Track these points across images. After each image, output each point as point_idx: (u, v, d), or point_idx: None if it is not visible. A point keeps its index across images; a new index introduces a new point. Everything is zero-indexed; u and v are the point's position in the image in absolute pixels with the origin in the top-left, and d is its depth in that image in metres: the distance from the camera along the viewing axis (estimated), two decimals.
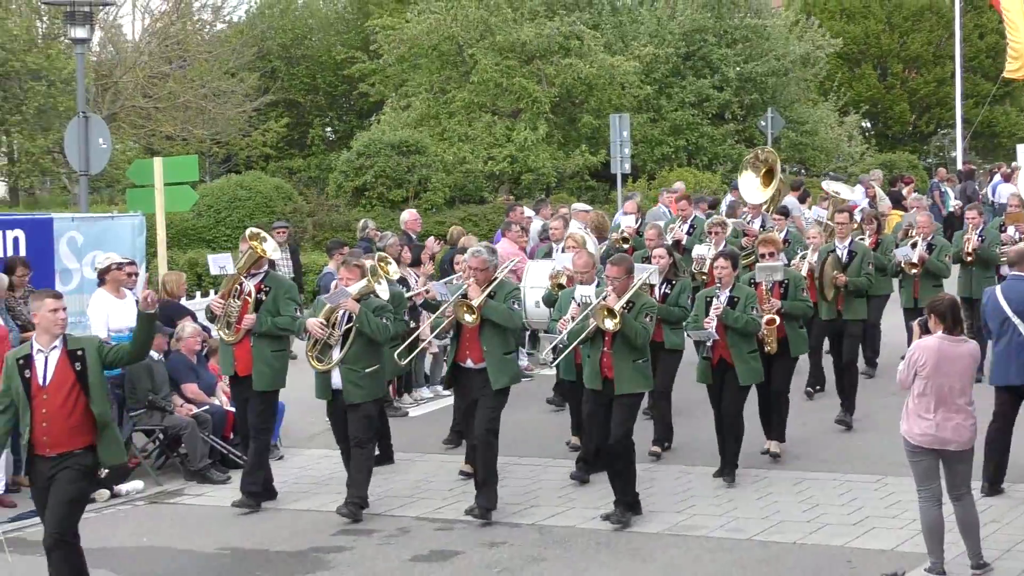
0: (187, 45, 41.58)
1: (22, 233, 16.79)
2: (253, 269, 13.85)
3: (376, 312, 13.14)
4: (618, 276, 12.72)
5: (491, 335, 13.06)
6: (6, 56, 36.52)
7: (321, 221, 31.98)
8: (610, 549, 12.21)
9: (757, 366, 14.21)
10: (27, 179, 40.84)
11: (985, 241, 18.50)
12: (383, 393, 13.92)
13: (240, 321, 13.64)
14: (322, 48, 47.58)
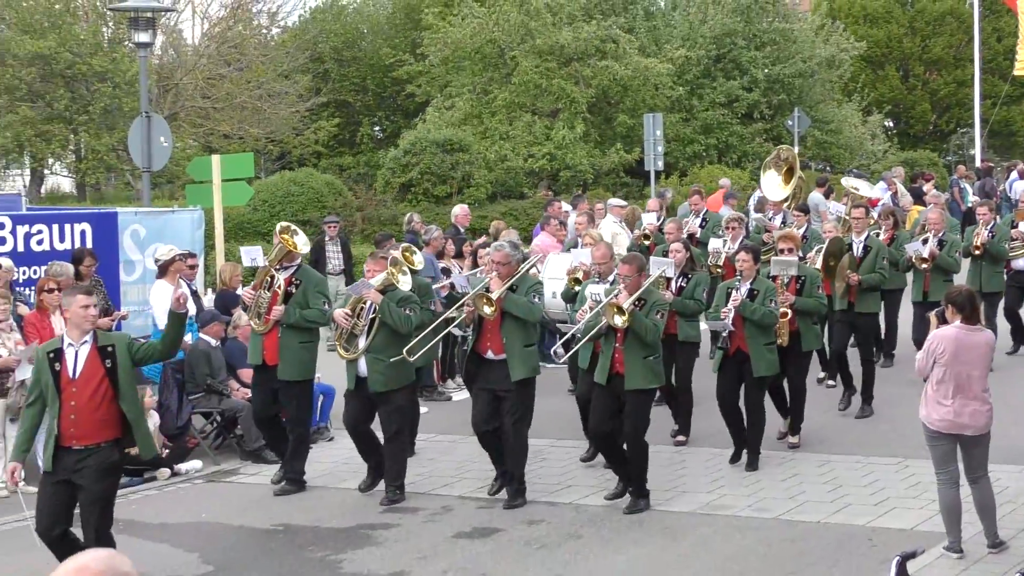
0: (244, 48, 41.70)
1: (89, 226, 16.89)
2: (285, 262, 13.64)
3: (400, 303, 12.95)
4: (629, 274, 12.46)
5: (512, 328, 12.71)
6: (74, 59, 36.72)
7: (369, 215, 32.06)
8: (643, 527, 12.21)
9: (773, 358, 13.90)
10: (93, 175, 41.01)
11: (995, 237, 18.31)
12: (409, 381, 13.49)
13: (269, 312, 13.42)
14: (371, 51, 47.67)
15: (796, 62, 42.09)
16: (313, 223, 32.21)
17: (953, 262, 17.47)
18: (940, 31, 50.18)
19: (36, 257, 15.99)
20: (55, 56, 36.46)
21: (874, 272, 16.09)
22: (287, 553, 11.85)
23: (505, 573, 11.09)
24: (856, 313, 16.13)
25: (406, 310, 12.92)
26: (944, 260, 17.30)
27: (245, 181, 20.45)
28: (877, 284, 16.25)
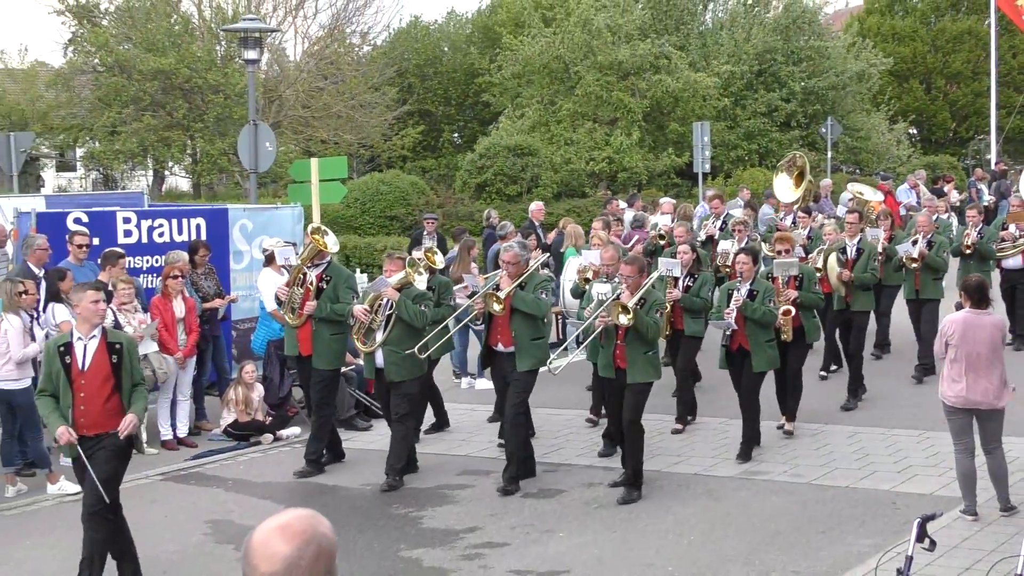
0: (339, 64, 41.89)
1: (203, 221, 17.01)
2: (316, 260, 13.26)
3: (416, 300, 12.56)
4: (631, 275, 11.96)
5: (520, 322, 12.28)
6: (191, 74, 37.04)
7: (449, 212, 32.17)
8: (689, 489, 12.18)
9: (773, 354, 13.31)
10: (207, 176, 41.42)
11: (983, 237, 17.70)
12: (422, 372, 12.99)
13: (302, 307, 13.12)
14: (452, 66, 47.75)
15: (830, 76, 41.79)
16: (400, 218, 32.39)
17: (941, 261, 16.78)
18: (960, 48, 49.60)
19: (157, 248, 16.12)
20: (175, 71, 36.81)
21: (866, 272, 15.49)
22: (374, 509, 11.92)
23: (567, 529, 11.09)
24: (852, 312, 15.55)
25: (421, 306, 12.57)
26: (933, 260, 16.58)
27: (339, 181, 20.48)
28: (869, 283, 15.61)
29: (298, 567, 3.16)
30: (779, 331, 13.59)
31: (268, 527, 3.20)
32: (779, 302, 13.55)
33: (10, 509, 12.17)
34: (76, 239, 14.78)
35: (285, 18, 41.87)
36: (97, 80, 39.41)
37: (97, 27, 39.75)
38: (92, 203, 19.04)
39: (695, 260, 14.66)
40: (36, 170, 45.91)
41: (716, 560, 10.09)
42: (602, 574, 9.89)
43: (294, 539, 3.18)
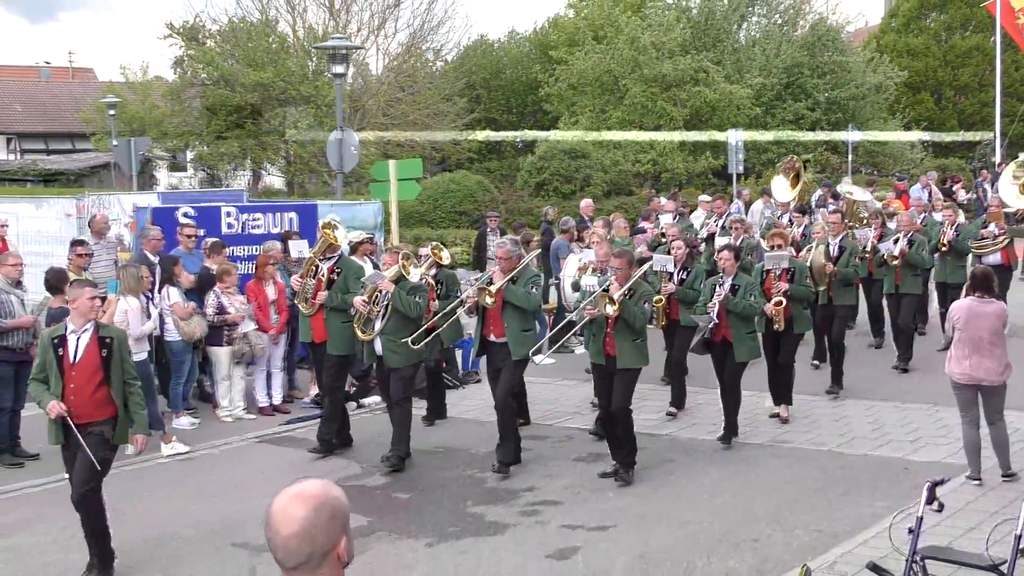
0: (415, 78, 42.01)
1: (295, 215, 17.11)
2: (328, 253, 12.68)
3: (411, 292, 11.94)
4: (620, 267, 11.34)
5: (511, 315, 11.63)
6: (286, 86, 37.30)
7: (511, 207, 32.20)
8: (724, 456, 12.13)
9: (755, 344, 12.69)
10: (299, 176, 41.67)
11: (960, 235, 16.91)
12: (420, 358, 12.33)
13: (315, 297, 12.59)
14: (514, 79, 47.71)
15: (850, 87, 41.38)
16: (467, 213, 32.43)
17: (920, 259, 16.00)
18: (968, 62, 48.92)
19: (255, 239, 16.24)
20: (272, 84, 37.08)
21: (848, 268, 14.85)
22: (444, 470, 11.95)
23: (614, 489, 11.07)
24: (835, 305, 14.92)
25: (416, 297, 11.96)
26: (912, 257, 15.85)
27: (415, 180, 20.55)
28: (850, 278, 14.92)
29: (316, 526, 3.18)
30: (772, 321, 13.09)
31: (285, 495, 3.23)
32: (771, 293, 13.10)
33: (129, 465, 12.32)
34: (185, 230, 14.94)
35: (368, 37, 42.04)
36: (204, 92, 39.78)
37: (203, 46, 40.10)
38: (199, 199, 19.25)
39: (688, 255, 14.18)
40: (152, 170, 46.37)
41: (746, 518, 10.05)
42: (644, 529, 9.87)
43: (309, 502, 3.20)
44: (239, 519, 10.31)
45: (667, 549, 9.32)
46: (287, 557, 3.19)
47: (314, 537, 3.17)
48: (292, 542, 3.17)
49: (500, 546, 9.58)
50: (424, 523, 10.19)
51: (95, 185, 42.87)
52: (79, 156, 51.85)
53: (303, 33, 41.36)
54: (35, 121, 57.78)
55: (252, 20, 40.97)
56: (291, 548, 3.17)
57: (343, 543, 3.25)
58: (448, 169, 41.55)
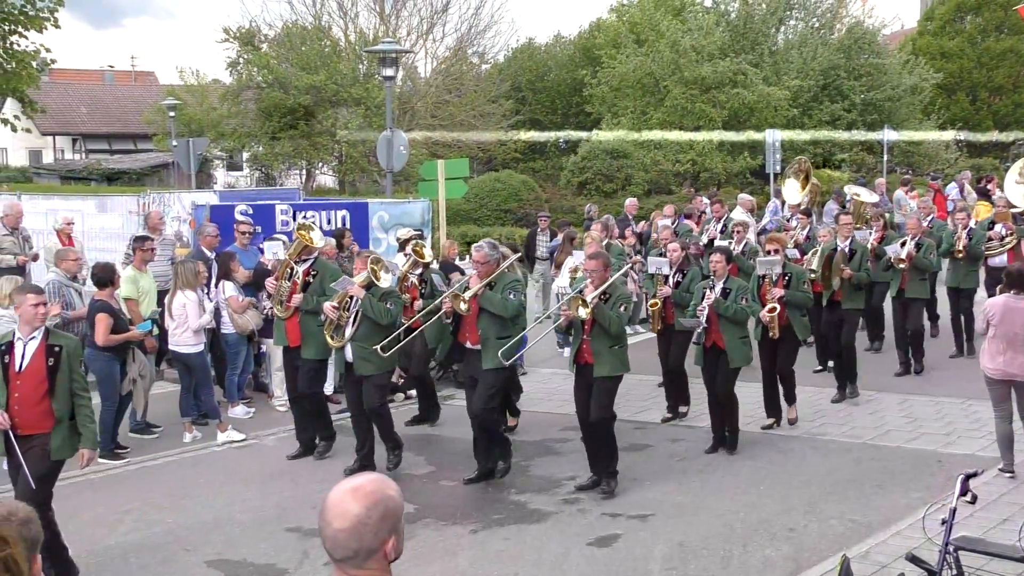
0: (462, 80, 42.08)
1: (347, 212, 17.20)
2: (304, 255, 11.99)
3: (383, 298, 11.21)
4: (595, 269, 10.50)
5: (487, 321, 10.81)
6: (338, 89, 37.47)
7: (554, 206, 32.14)
8: (760, 446, 12.05)
9: (747, 351, 11.90)
10: (351, 175, 41.85)
11: (972, 240, 16.04)
12: (392, 367, 11.78)
13: (290, 300, 11.90)
14: (558, 81, 47.65)
15: (886, 89, 40.99)
16: (512, 211, 32.44)
17: (928, 263, 15.14)
18: (1002, 64, 48.36)
19: None
20: (324, 87, 37.25)
21: (860, 271, 14.07)
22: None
23: (654, 478, 11.03)
24: (843, 309, 14.08)
25: (387, 304, 11.23)
26: (920, 260, 15.01)
27: (462, 179, 20.60)
28: (862, 282, 14.12)
29: (366, 525, 3.17)
30: (767, 328, 12.43)
31: (343, 488, 3.22)
32: (765, 299, 12.44)
33: (187, 452, 12.45)
34: (241, 227, 15.03)
35: (417, 41, 42.18)
36: (260, 94, 40.03)
37: (259, 50, 40.37)
38: (255, 197, 19.36)
39: (684, 258, 13.37)
40: (209, 170, 46.73)
41: (782, 508, 9.98)
42: (682, 518, 9.83)
43: (364, 499, 3.19)
44: (292, 505, 10.38)
45: (705, 538, 9.28)
46: (335, 549, 3.20)
47: (362, 535, 3.17)
48: (341, 536, 3.18)
49: (542, 533, 9.58)
50: (468, 510, 10.21)
51: (156, 184, 43.27)
52: (141, 156, 52.38)
53: (354, 37, 41.54)
54: (99, 123, 58.43)
55: (306, 25, 41.20)
56: (339, 541, 3.18)
57: (391, 542, 3.25)
58: (494, 169, 41.58)
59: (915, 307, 15.28)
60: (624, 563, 8.78)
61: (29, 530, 3.38)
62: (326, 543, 3.20)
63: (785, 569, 8.55)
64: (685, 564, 8.71)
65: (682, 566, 8.67)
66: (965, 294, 16.17)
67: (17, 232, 16.12)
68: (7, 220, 16.06)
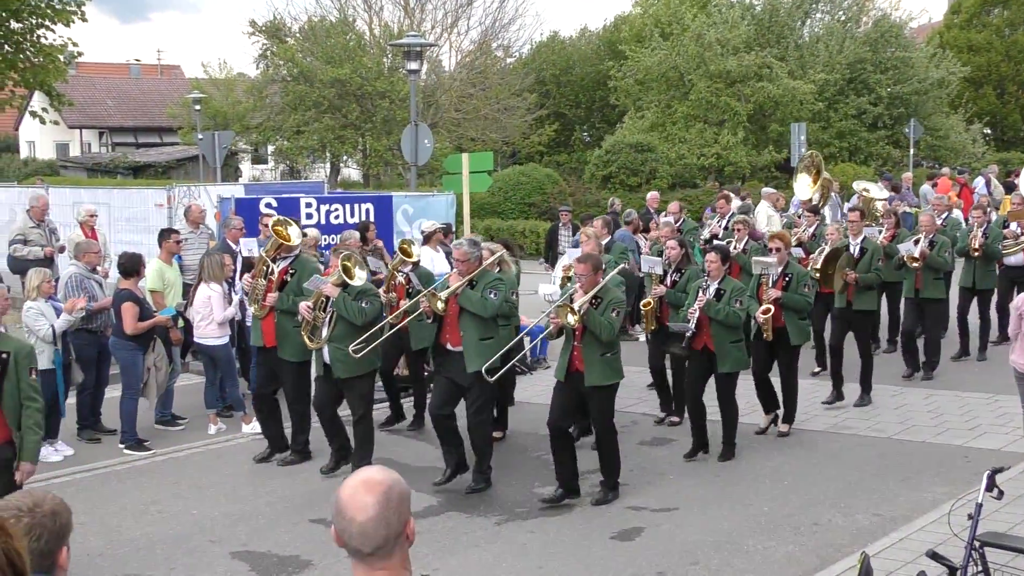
0: (486, 74, 42.06)
1: (371, 206, 17.20)
2: (282, 252, 11.45)
3: (357, 297, 10.68)
4: (584, 273, 9.91)
5: (468, 322, 10.37)
6: (363, 82, 37.53)
7: (578, 199, 32.12)
8: (785, 442, 12.00)
9: (740, 355, 11.30)
10: (375, 168, 41.94)
11: (989, 238, 15.35)
12: (372, 368, 11.10)
13: (265, 299, 11.38)
14: (582, 75, 47.59)
15: (913, 82, 40.71)
16: (536, 205, 32.44)
17: (943, 261, 14.46)
18: None
19: (333, 228, 16.35)
20: (349, 80, 37.34)
21: (870, 272, 13.32)
22: (515, 453, 11.96)
23: (677, 473, 11.02)
24: (854, 311, 13.33)
25: (362, 303, 10.68)
26: (934, 259, 14.34)
27: (486, 173, 20.55)
28: (873, 283, 13.38)
29: (388, 509, 3.20)
30: (761, 330, 11.87)
31: (353, 483, 3.25)
32: (760, 300, 11.86)
33: (212, 444, 12.50)
34: (265, 220, 15.06)
35: (442, 35, 42.20)
36: (285, 88, 40.18)
37: (284, 44, 40.49)
38: (280, 190, 19.42)
39: (684, 256, 12.61)
40: (235, 163, 46.96)
41: (807, 502, 9.95)
42: (706, 512, 9.81)
43: (377, 488, 3.23)
44: (317, 495, 10.41)
45: (728, 532, 9.26)
46: (364, 543, 3.20)
47: (388, 521, 3.20)
48: (369, 526, 3.19)
49: (566, 525, 9.58)
50: (493, 503, 10.22)
51: (181, 177, 43.49)
52: (167, 149, 52.64)
53: (379, 31, 41.62)
54: (126, 116, 58.73)
55: (331, 19, 41.30)
56: (368, 533, 3.19)
57: (411, 523, 3.29)
58: (518, 162, 41.59)
59: (932, 310, 14.68)
60: (647, 557, 8.77)
61: (55, 522, 3.39)
62: (353, 541, 3.20)
63: (809, 564, 8.52)
64: (708, 558, 8.69)
65: (705, 560, 8.65)
66: (983, 296, 15.69)
67: (44, 224, 16.21)
68: (34, 212, 16.16)
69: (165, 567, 8.81)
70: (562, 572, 8.54)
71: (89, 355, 12.45)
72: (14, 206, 21.40)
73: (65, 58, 24.47)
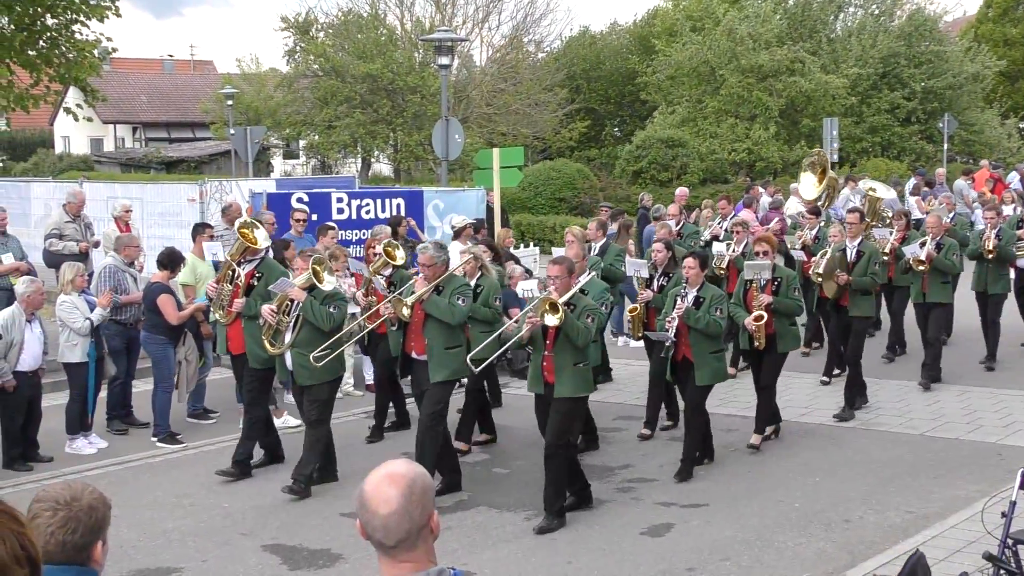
0: (518, 69, 42.06)
1: (402, 200, 17.26)
2: (248, 255, 10.95)
3: (325, 301, 10.18)
4: (559, 275, 9.29)
5: (433, 329, 9.91)
6: (394, 77, 37.62)
7: (609, 195, 32.07)
8: (814, 437, 11.94)
9: (719, 366, 10.71)
10: (406, 163, 42.01)
11: (1002, 240, 14.49)
12: (335, 376, 10.50)
13: (231, 304, 10.91)
14: (613, 70, 47.50)
15: (947, 77, 40.39)
16: (567, 200, 32.40)
17: (951, 264, 13.72)
18: None
19: (364, 223, 16.41)
20: (381, 75, 37.43)
21: (866, 276, 12.57)
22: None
23: (707, 468, 10.98)
24: (850, 317, 12.67)
25: (330, 308, 10.20)
26: (941, 262, 13.62)
27: (517, 168, 20.56)
28: (869, 288, 12.66)
29: (411, 502, 3.21)
30: (752, 337, 11.27)
31: (376, 478, 3.26)
32: (753, 307, 11.25)
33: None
34: (296, 215, 15.13)
35: (473, 29, 42.20)
36: (316, 83, 40.32)
37: (315, 39, 40.64)
38: (312, 185, 19.50)
39: (671, 259, 12.19)
40: (267, 158, 47.12)
41: (838, 498, 9.89)
42: (736, 508, 9.78)
43: (400, 481, 3.24)
44: (347, 489, 10.43)
45: (759, 528, 9.22)
46: (387, 536, 3.21)
47: (411, 514, 3.21)
48: (392, 520, 3.20)
49: (596, 520, 9.57)
50: (523, 498, 10.21)
51: (214, 172, 43.72)
52: (199, 144, 52.92)
53: (410, 26, 41.69)
54: (159, 111, 59.09)
55: (362, 13, 41.40)
56: (391, 526, 3.20)
57: (435, 515, 3.30)
58: (549, 157, 41.56)
59: (936, 314, 13.93)
60: (677, 552, 8.75)
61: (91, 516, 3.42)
62: (376, 534, 3.22)
63: (840, 561, 8.47)
64: (738, 555, 8.66)
65: (735, 557, 8.62)
66: (993, 300, 14.82)
67: (79, 219, 16.33)
68: (70, 207, 16.28)
69: (197, 559, 8.87)
70: (592, 568, 8.54)
71: (116, 346, 12.56)
72: (49, 201, 21.57)
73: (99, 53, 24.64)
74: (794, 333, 11.67)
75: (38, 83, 20.30)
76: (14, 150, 57.84)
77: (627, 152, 35.96)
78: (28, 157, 54.04)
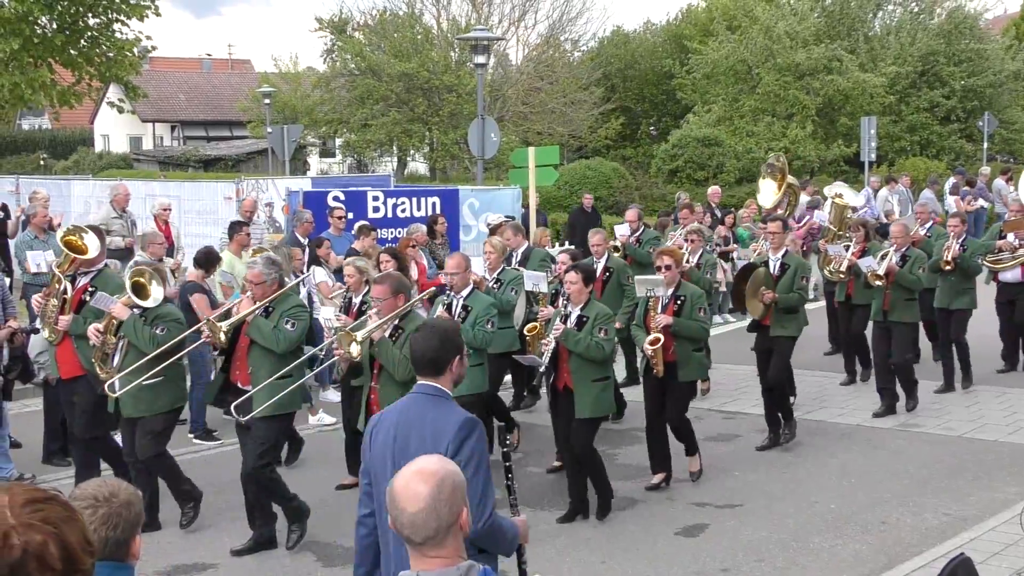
0: (554, 67, 42.07)
1: (438, 199, 17.32)
2: (83, 268, 9.59)
3: (155, 320, 8.92)
4: (382, 296, 8.19)
5: (258, 357, 8.68)
6: (430, 76, 37.70)
7: (644, 194, 32.02)
8: (851, 439, 11.86)
9: (607, 396, 9.35)
10: (441, 162, 42.08)
11: (967, 250, 13.37)
12: (169, 407, 9.17)
13: (57, 322, 9.53)
14: (648, 68, 47.39)
15: (988, 75, 40.01)
16: (603, 199, 32.33)
17: (915, 279, 12.38)
18: None
19: (400, 221, 16.46)
20: (417, 74, 37.53)
21: (792, 292, 11.31)
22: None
23: (742, 469, 10.93)
24: (772, 337, 11.40)
25: (157, 328, 8.90)
26: (905, 277, 12.31)
27: (552, 167, 20.55)
28: (795, 304, 11.37)
29: (439, 500, 3.23)
30: (650, 364, 10.05)
31: (407, 474, 3.28)
32: (650, 328, 9.95)
33: None
34: (335, 213, 15.19)
35: (509, 28, 42.24)
36: (353, 82, 40.48)
37: (352, 38, 40.82)
38: (348, 184, 19.58)
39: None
40: (303, 156, 47.35)
41: (874, 500, 9.82)
42: (771, 508, 9.72)
43: (430, 479, 3.25)
44: None
45: (793, 529, 9.17)
46: (415, 533, 3.24)
47: (439, 511, 3.23)
48: (419, 517, 3.22)
49: (630, 520, 9.55)
50: (556, 497, 10.20)
51: (251, 170, 43.96)
52: (237, 143, 53.26)
53: (447, 25, 41.77)
54: (197, 110, 59.53)
55: (398, 12, 41.54)
56: (419, 524, 3.22)
57: (464, 513, 3.31)
58: (585, 156, 41.53)
59: (900, 334, 12.63)
60: (712, 553, 8.71)
61: (130, 511, 3.45)
62: (404, 530, 3.24)
63: (877, 563, 8.41)
64: (773, 556, 8.61)
65: (770, 558, 8.58)
66: (958, 317, 13.55)
67: (126, 215, 16.46)
68: (116, 202, 16.40)
69: (232, 556, 8.92)
70: (626, 567, 8.52)
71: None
72: (89, 199, 21.78)
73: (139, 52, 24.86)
74: (698, 359, 10.23)
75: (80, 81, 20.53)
76: (55, 148, 58.41)
77: (663, 151, 35.89)
78: (69, 155, 54.56)
